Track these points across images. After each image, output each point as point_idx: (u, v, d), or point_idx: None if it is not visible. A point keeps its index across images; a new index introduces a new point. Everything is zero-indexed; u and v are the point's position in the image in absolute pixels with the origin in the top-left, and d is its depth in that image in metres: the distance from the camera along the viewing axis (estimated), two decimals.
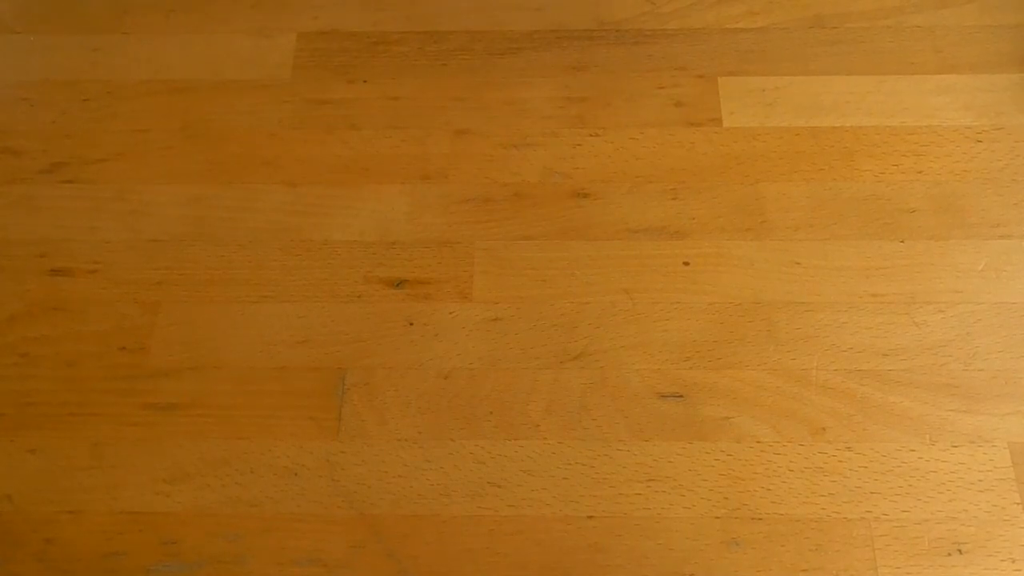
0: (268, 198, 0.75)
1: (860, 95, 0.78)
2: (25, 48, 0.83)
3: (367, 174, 0.76)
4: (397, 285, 0.71)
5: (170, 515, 0.63)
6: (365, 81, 0.81)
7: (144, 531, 0.63)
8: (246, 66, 0.81)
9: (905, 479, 0.63)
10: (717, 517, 0.62)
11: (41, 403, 0.67)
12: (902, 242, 0.72)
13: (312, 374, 0.67)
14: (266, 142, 0.78)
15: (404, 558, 0.61)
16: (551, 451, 0.64)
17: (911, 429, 0.65)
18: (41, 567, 0.62)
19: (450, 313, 0.69)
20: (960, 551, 0.61)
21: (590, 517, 0.62)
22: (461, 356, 0.68)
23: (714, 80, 0.80)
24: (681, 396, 0.66)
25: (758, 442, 0.64)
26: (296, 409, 0.66)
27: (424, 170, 0.76)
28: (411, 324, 0.69)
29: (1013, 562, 0.60)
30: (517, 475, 0.64)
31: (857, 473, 0.63)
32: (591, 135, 0.78)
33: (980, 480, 0.63)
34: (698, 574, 0.60)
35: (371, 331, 0.69)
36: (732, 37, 0.81)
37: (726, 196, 0.74)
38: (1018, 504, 0.62)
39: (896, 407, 0.65)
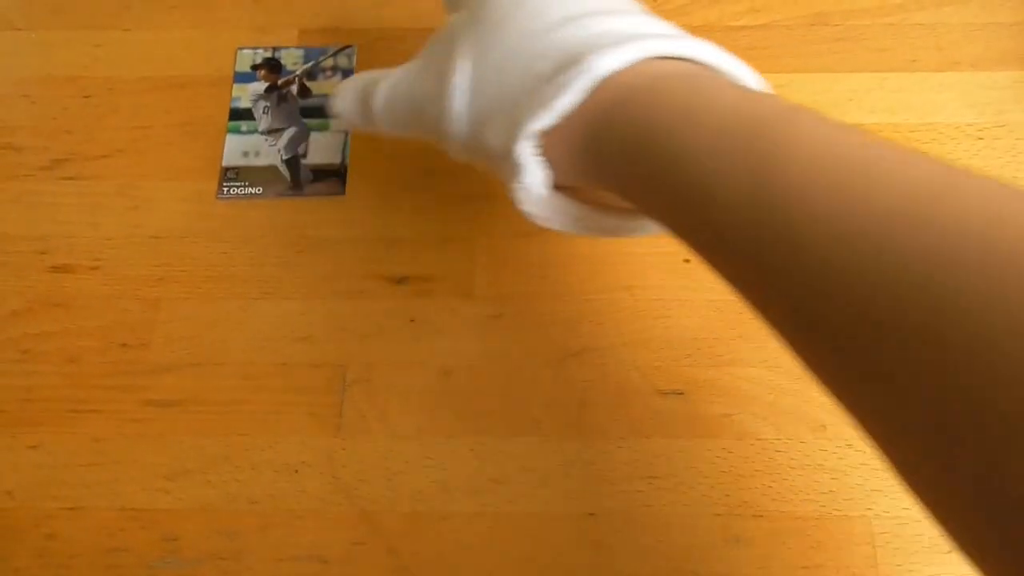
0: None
1: (862, 92, 0.77)
2: (26, 44, 0.82)
3: None
4: (399, 282, 0.71)
5: (171, 511, 0.63)
6: None
7: (145, 527, 0.63)
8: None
9: None
10: (718, 514, 0.62)
11: (42, 399, 0.67)
12: None
13: (313, 371, 0.67)
14: None
15: (404, 554, 0.61)
16: (552, 448, 0.64)
17: None
18: (42, 563, 0.62)
19: (452, 310, 0.69)
20: None
21: (591, 514, 0.62)
22: (462, 353, 0.68)
23: None
24: (682, 393, 0.66)
25: (759, 439, 0.64)
26: (297, 406, 0.66)
27: (427, 166, 0.76)
28: (413, 321, 0.69)
29: None
30: (517, 472, 0.64)
31: (858, 470, 0.63)
32: None
33: None
34: (699, 571, 0.60)
35: (373, 328, 0.69)
36: (734, 34, 0.81)
37: None
38: None
39: None
